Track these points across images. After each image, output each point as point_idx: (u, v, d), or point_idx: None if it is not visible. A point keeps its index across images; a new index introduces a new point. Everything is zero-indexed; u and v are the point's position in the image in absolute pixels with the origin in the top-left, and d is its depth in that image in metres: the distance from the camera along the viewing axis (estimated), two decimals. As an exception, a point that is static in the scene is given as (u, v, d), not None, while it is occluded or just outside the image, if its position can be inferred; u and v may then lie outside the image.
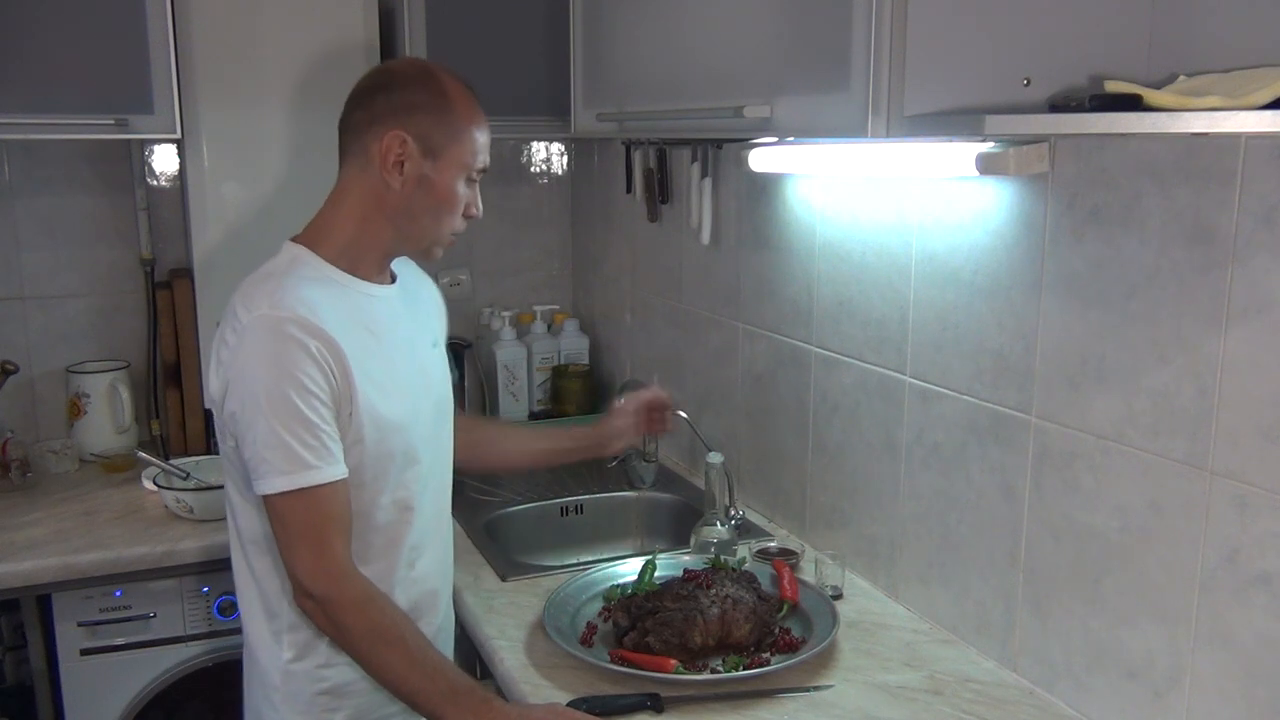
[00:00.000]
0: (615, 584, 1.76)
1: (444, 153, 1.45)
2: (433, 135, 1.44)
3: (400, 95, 1.45)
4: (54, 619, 2.00)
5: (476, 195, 1.52)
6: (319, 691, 1.51)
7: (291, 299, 1.38)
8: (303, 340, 1.35)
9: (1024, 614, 1.53)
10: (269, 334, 1.36)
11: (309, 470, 1.36)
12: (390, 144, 1.43)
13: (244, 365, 1.36)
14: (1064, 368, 1.43)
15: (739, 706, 1.45)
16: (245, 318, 1.37)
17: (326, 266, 1.47)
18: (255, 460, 1.37)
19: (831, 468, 1.94)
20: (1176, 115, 1.08)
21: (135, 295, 2.59)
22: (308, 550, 1.37)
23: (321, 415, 1.37)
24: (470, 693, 1.36)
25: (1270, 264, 1.16)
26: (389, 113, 1.44)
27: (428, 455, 1.55)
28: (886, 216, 1.74)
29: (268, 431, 1.35)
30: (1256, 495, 1.19)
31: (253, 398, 1.35)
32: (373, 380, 1.43)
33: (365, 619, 1.38)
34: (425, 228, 1.49)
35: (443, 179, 1.46)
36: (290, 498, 1.36)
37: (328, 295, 1.43)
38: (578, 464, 2.50)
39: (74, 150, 2.49)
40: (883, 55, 1.17)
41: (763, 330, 2.12)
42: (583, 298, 3.00)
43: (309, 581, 1.38)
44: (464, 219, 1.52)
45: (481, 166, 1.50)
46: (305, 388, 1.35)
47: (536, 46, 2.39)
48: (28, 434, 2.49)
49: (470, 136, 1.47)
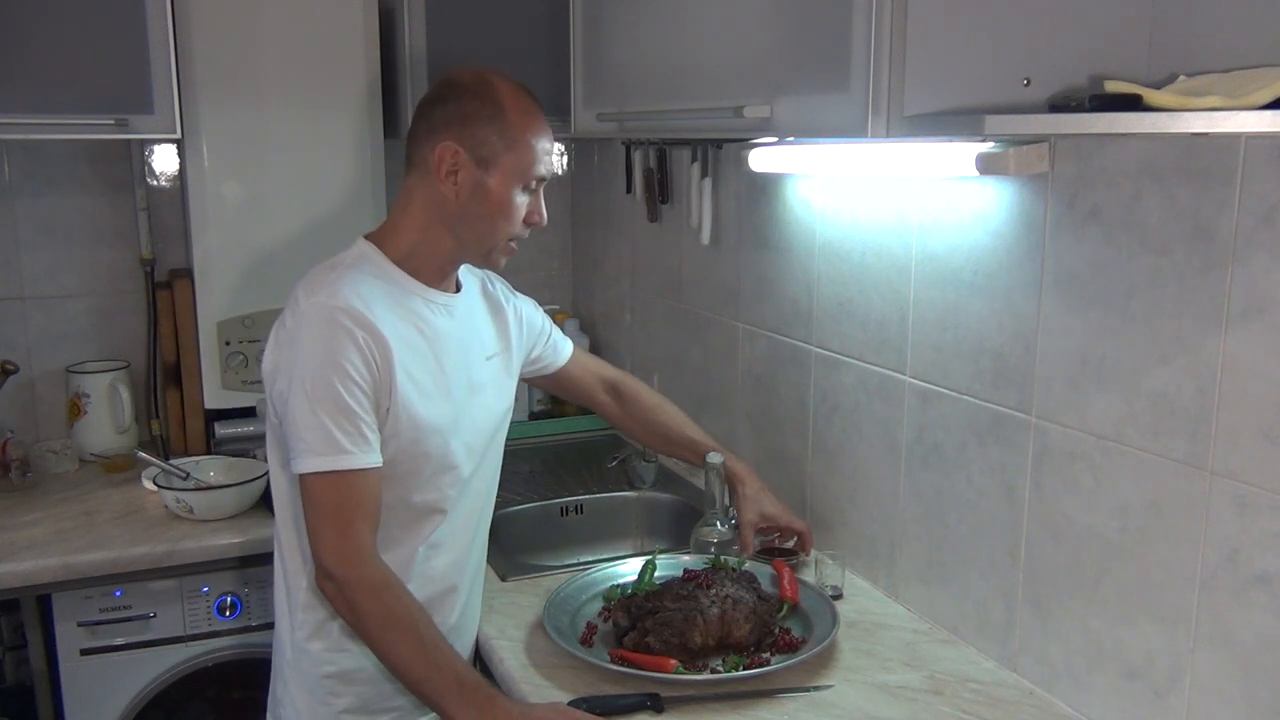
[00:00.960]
0: (615, 584, 1.76)
1: (498, 162, 1.48)
2: (486, 145, 1.47)
3: (456, 106, 1.49)
4: (54, 619, 2.00)
5: (540, 203, 1.55)
6: (325, 675, 1.54)
7: (348, 291, 1.43)
8: (352, 330, 1.40)
9: (1024, 614, 1.53)
10: (322, 321, 1.41)
11: (343, 455, 1.40)
12: (443, 155, 1.48)
13: (296, 348, 1.42)
14: (1064, 368, 1.43)
15: (739, 706, 1.45)
16: (304, 303, 1.43)
17: (390, 266, 1.52)
18: (294, 439, 1.41)
19: (831, 468, 1.94)
20: (1176, 115, 1.08)
21: (135, 295, 2.59)
22: (333, 532, 1.40)
23: (361, 404, 1.41)
24: (477, 688, 1.37)
25: (1270, 264, 1.16)
26: (444, 123, 1.48)
27: (469, 464, 1.57)
28: (886, 216, 1.74)
29: (309, 413, 1.39)
30: (1256, 495, 1.19)
31: (299, 380, 1.40)
32: (414, 381, 1.47)
33: (380, 604, 1.40)
34: (482, 235, 1.52)
35: (498, 187, 1.49)
36: (322, 479, 1.40)
37: (385, 293, 1.48)
38: (578, 464, 2.52)
39: (74, 150, 2.49)
40: (883, 55, 1.17)
41: (763, 330, 2.12)
42: (583, 298, 3.00)
43: (330, 562, 1.40)
44: (527, 226, 1.54)
45: (542, 174, 1.52)
46: (349, 375, 1.40)
47: (536, 46, 2.38)
48: (28, 434, 2.49)
49: (526, 145, 1.49)
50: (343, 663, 1.54)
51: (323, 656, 1.54)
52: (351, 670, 1.55)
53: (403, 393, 1.45)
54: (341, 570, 1.40)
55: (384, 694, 1.57)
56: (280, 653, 1.60)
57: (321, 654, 1.54)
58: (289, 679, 1.58)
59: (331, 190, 2.37)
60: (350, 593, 1.40)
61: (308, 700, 1.56)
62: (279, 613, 1.59)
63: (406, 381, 1.46)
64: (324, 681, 1.55)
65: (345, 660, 1.54)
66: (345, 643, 1.53)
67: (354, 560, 1.40)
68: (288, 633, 1.57)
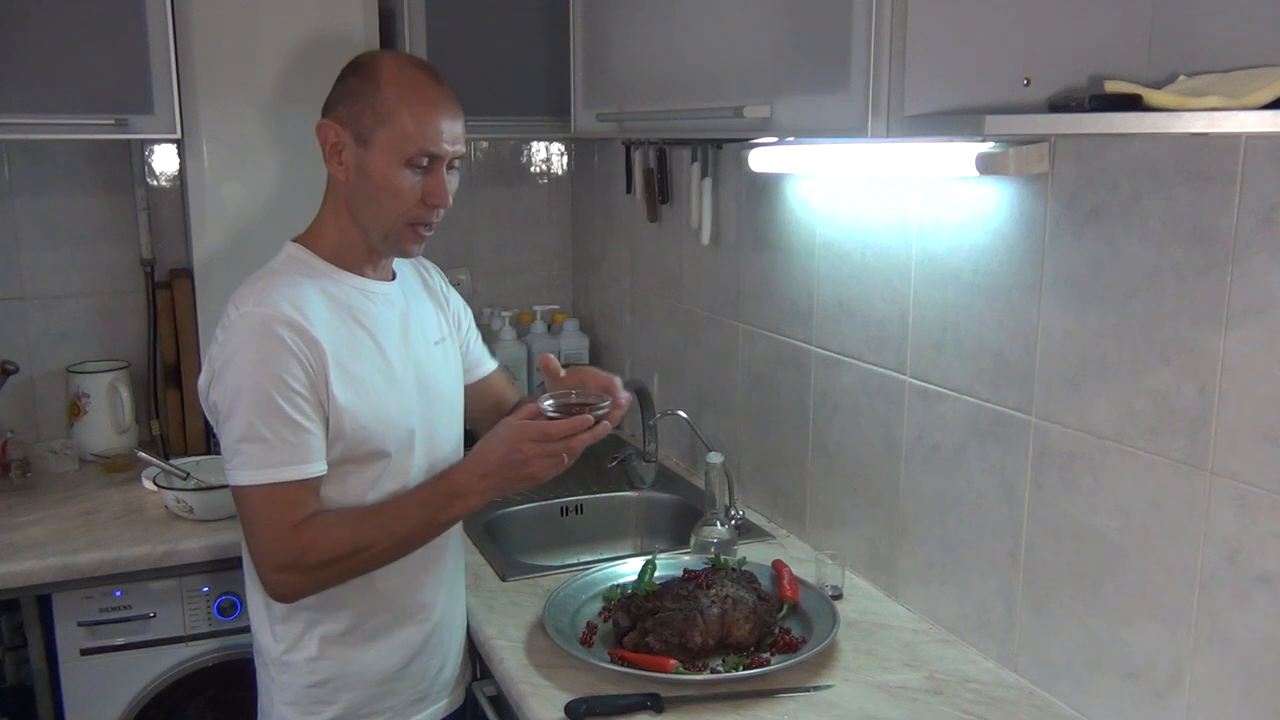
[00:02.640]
0: (615, 584, 1.76)
1: (373, 137, 1.43)
2: (361, 120, 1.44)
3: (341, 85, 1.48)
4: (54, 619, 1.99)
5: (439, 183, 1.46)
6: (309, 685, 1.53)
7: (277, 296, 1.40)
8: (285, 337, 1.38)
9: (1024, 614, 1.53)
10: (254, 330, 1.39)
11: (285, 467, 1.39)
12: (325, 134, 1.46)
13: (228, 360, 1.39)
14: (1064, 368, 1.43)
15: (739, 706, 1.45)
16: (234, 314, 1.41)
17: (321, 264, 1.49)
18: (230, 453, 1.40)
19: (831, 468, 1.94)
20: (1176, 115, 1.08)
21: (135, 295, 2.59)
22: (268, 536, 1.40)
23: (303, 410, 1.39)
24: (438, 496, 1.45)
25: (1270, 264, 1.16)
26: (329, 104, 1.48)
27: (421, 448, 1.55)
28: (886, 216, 1.74)
29: (245, 425, 1.38)
30: (1256, 495, 1.19)
31: (234, 391, 1.38)
32: (355, 378, 1.45)
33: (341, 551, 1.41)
34: (373, 217, 1.48)
35: (377, 163, 1.43)
36: (263, 491, 1.39)
37: (319, 292, 1.45)
38: (578, 464, 2.50)
39: (74, 150, 2.49)
40: (883, 55, 1.17)
41: (763, 330, 2.12)
42: (583, 298, 3.00)
43: (289, 560, 1.40)
44: (429, 207, 1.46)
45: (426, 151, 1.43)
46: (287, 385, 1.38)
47: (536, 46, 2.39)
48: (28, 434, 2.49)
49: (400, 118, 1.42)
50: (325, 670, 1.53)
51: (305, 667, 1.53)
52: (335, 677, 1.53)
53: (342, 393, 1.42)
54: (291, 557, 1.40)
55: (372, 698, 1.56)
56: (264, 668, 1.58)
57: (304, 665, 1.52)
58: (274, 694, 1.56)
59: (331, 190, 2.36)
60: (315, 571, 1.41)
61: (294, 713, 1.54)
62: (258, 629, 1.57)
63: (348, 381, 1.43)
64: (309, 691, 1.53)
65: (328, 668, 1.53)
66: (328, 650, 1.52)
67: (305, 548, 1.40)
68: (269, 648, 1.55)
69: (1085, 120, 1.15)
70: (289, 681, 1.54)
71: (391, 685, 1.58)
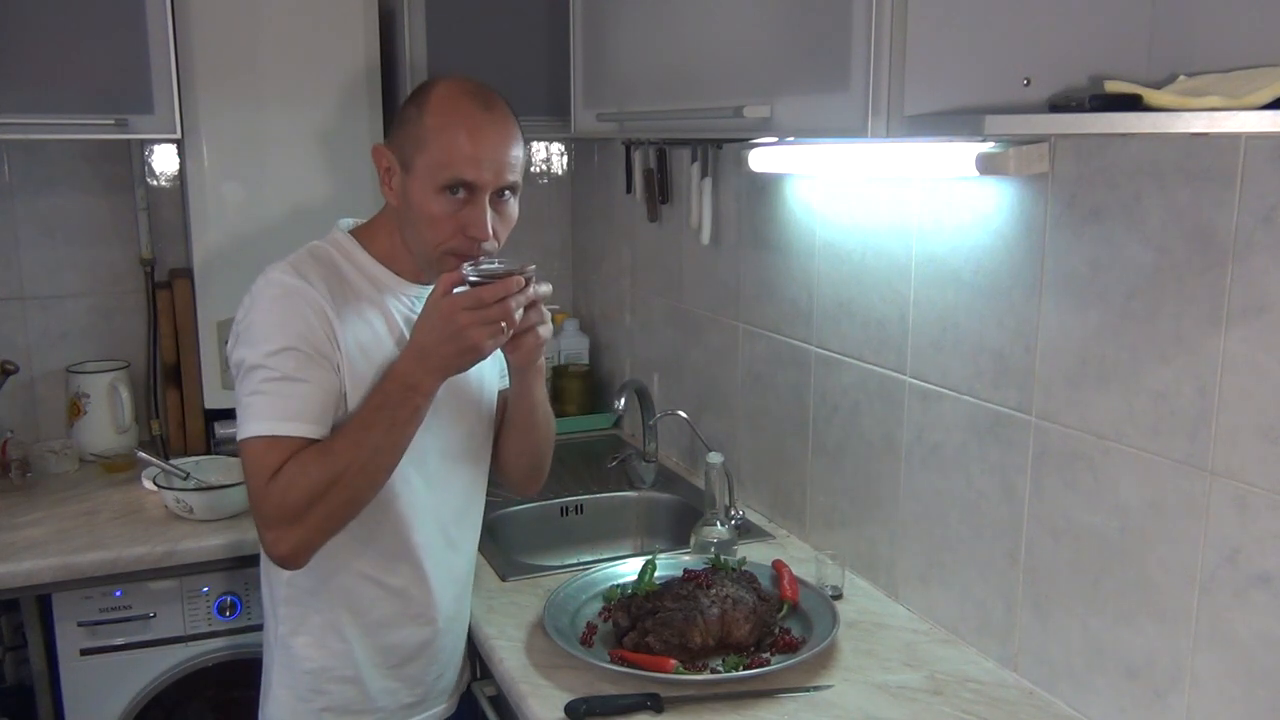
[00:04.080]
0: (615, 584, 1.76)
1: (414, 164, 1.43)
2: (405, 147, 1.45)
3: (400, 110, 1.49)
4: (54, 619, 1.99)
5: (479, 213, 1.41)
6: (307, 670, 1.55)
7: (309, 272, 1.44)
8: (306, 307, 1.41)
9: (1024, 614, 1.53)
10: (276, 295, 1.42)
11: (280, 421, 1.38)
12: (377, 157, 1.49)
13: (249, 319, 1.42)
14: (1064, 368, 1.43)
15: (739, 706, 1.45)
16: (259, 280, 1.44)
17: (369, 260, 1.51)
18: (243, 409, 1.41)
19: (831, 468, 1.94)
20: (1176, 115, 1.08)
21: (135, 295, 2.59)
22: (262, 488, 1.37)
23: (309, 373, 1.40)
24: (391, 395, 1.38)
25: (1270, 264, 1.16)
26: (389, 128, 1.50)
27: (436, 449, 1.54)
28: (886, 216, 1.74)
29: (253, 381, 1.39)
30: (1256, 495, 1.19)
31: (248, 346, 1.40)
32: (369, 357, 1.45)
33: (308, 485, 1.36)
34: (415, 243, 1.48)
35: (415, 191, 1.42)
36: (258, 444, 1.38)
37: (353, 283, 1.48)
38: (578, 463, 2.52)
39: (74, 150, 2.49)
40: (883, 55, 1.17)
41: (763, 330, 2.12)
42: (583, 298, 3.00)
43: (267, 512, 1.37)
44: (468, 239, 1.42)
45: (459, 179, 1.39)
46: (297, 348, 1.39)
47: (536, 46, 2.39)
48: (28, 434, 2.49)
49: (439, 147, 1.40)
50: (323, 660, 1.54)
51: (304, 652, 1.54)
52: (332, 667, 1.55)
53: (348, 384, 1.43)
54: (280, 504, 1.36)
55: (366, 695, 1.57)
56: (268, 651, 1.61)
57: (304, 649, 1.54)
58: (274, 677, 1.58)
59: (331, 190, 2.36)
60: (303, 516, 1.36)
61: (289, 697, 1.56)
62: (266, 611, 1.60)
63: (359, 357, 1.44)
64: (305, 678, 1.55)
65: (325, 657, 1.54)
66: (327, 638, 1.54)
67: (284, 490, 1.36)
68: (273, 630, 1.58)
69: (1085, 120, 1.15)
70: (289, 665, 1.56)
71: (386, 685, 1.59)
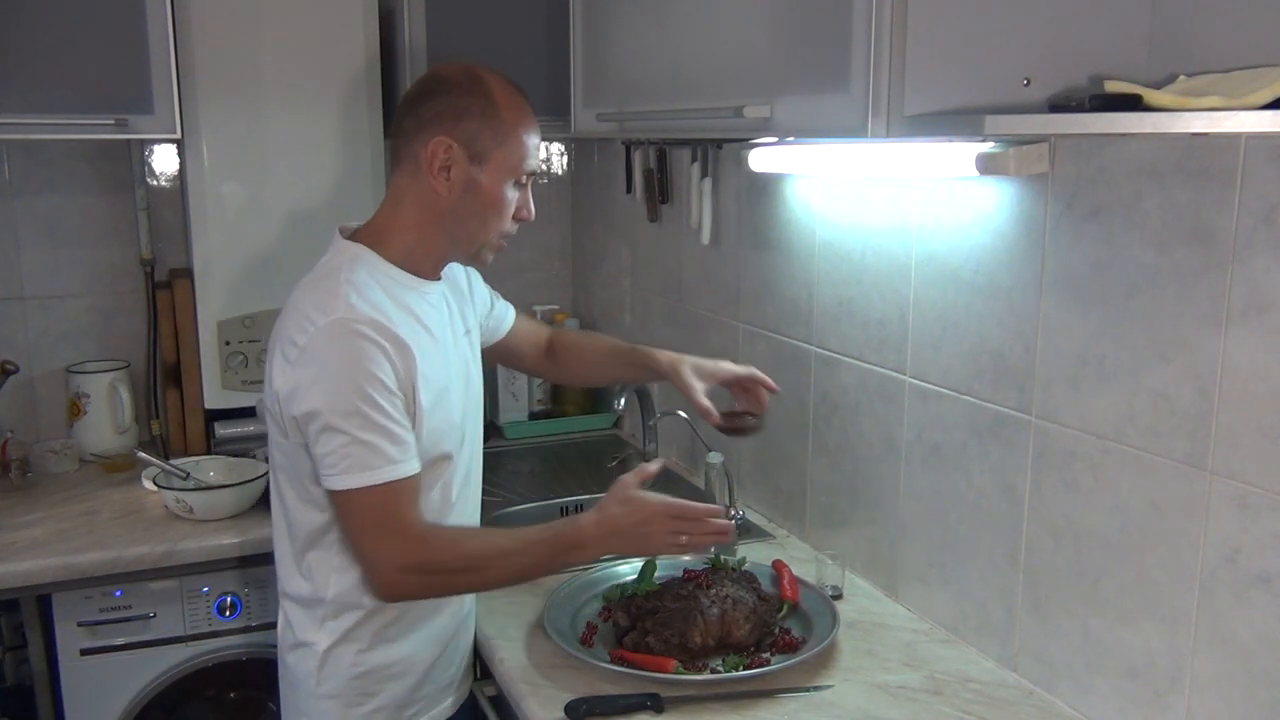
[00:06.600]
0: (615, 584, 1.76)
1: (490, 157, 1.47)
2: (479, 140, 1.46)
3: (446, 100, 1.47)
4: (54, 619, 2.00)
5: (528, 198, 1.55)
6: (355, 676, 1.54)
7: (365, 304, 1.42)
8: (380, 343, 1.40)
9: (1024, 614, 1.53)
10: (349, 337, 1.39)
11: (390, 465, 1.40)
12: (436, 150, 1.46)
13: (323, 367, 1.39)
14: (1064, 368, 1.43)
15: (739, 706, 1.45)
16: (321, 320, 1.39)
17: (389, 267, 1.50)
18: (334, 458, 1.39)
19: (831, 468, 1.94)
20: (1176, 115, 1.08)
21: (135, 295, 2.59)
22: (394, 536, 1.41)
23: (400, 409, 1.42)
24: (563, 540, 1.46)
25: (1270, 264, 1.16)
26: (435, 119, 1.47)
27: (467, 449, 1.60)
28: (886, 216, 1.74)
29: (349, 430, 1.38)
30: (1256, 495, 1.19)
31: (335, 398, 1.38)
32: (429, 381, 1.47)
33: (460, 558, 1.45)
34: (473, 232, 1.51)
35: (490, 183, 1.48)
36: (370, 493, 1.40)
37: (388, 295, 1.47)
38: (578, 463, 2.52)
39: (74, 150, 2.49)
40: (883, 55, 1.17)
41: (763, 330, 2.12)
42: (583, 298, 3.00)
43: (406, 562, 1.42)
44: (515, 222, 1.54)
45: (531, 170, 1.52)
46: (384, 385, 1.40)
47: (536, 46, 2.39)
48: (28, 434, 2.49)
49: (518, 140, 1.49)
50: (372, 661, 1.54)
51: (354, 659, 1.53)
52: (381, 666, 1.55)
53: (423, 397, 1.45)
54: (418, 558, 1.42)
55: (411, 687, 1.58)
56: (299, 665, 1.56)
57: (355, 657, 1.53)
58: (313, 689, 1.55)
59: (331, 190, 2.36)
60: (436, 572, 1.44)
61: (335, 705, 1.55)
62: (300, 628, 1.55)
63: (425, 385, 1.46)
64: (353, 683, 1.54)
65: (375, 659, 1.54)
66: (377, 642, 1.54)
67: (421, 545, 1.43)
68: (317, 643, 1.53)
69: (1085, 120, 1.15)
70: (336, 673, 1.54)
71: (429, 674, 1.61)
